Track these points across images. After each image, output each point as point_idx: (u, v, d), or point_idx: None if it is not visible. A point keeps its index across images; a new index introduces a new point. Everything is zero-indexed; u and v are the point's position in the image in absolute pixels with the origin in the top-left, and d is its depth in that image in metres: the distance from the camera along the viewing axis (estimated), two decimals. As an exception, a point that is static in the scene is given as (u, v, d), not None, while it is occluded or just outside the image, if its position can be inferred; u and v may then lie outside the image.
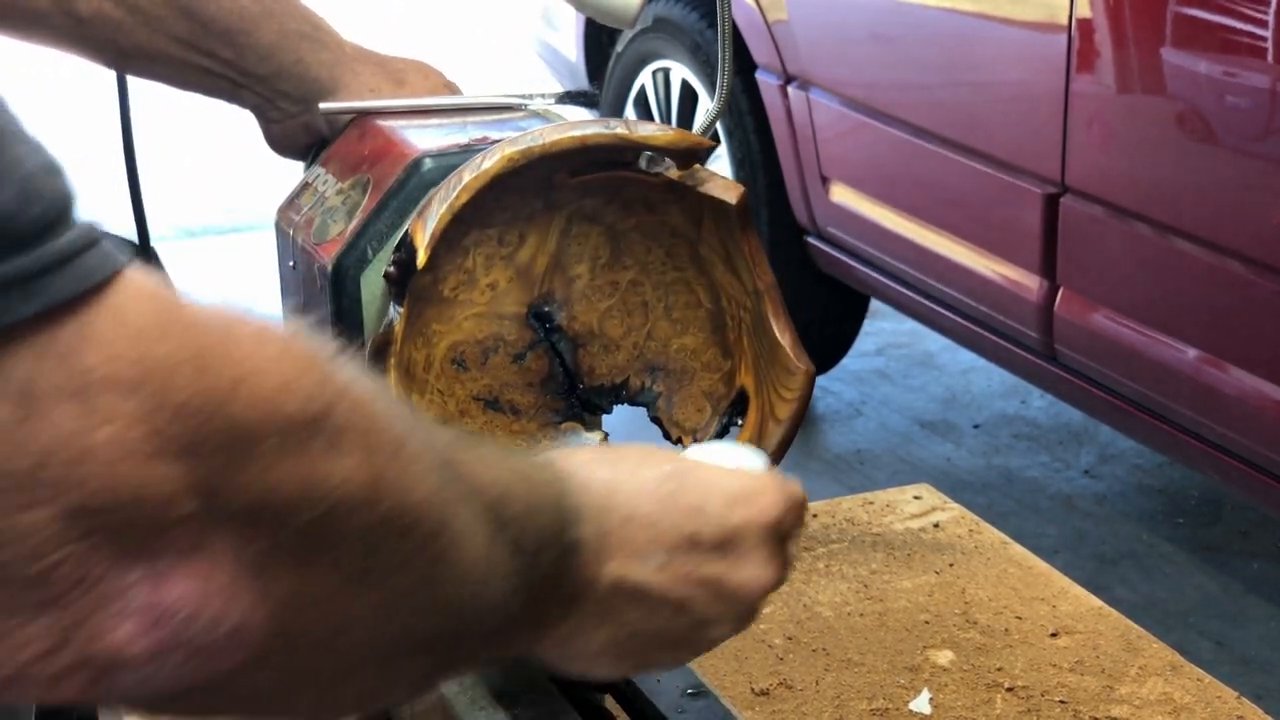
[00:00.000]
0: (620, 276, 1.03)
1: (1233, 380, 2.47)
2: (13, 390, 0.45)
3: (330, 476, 0.52)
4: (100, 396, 0.46)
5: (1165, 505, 3.37)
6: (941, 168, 3.02)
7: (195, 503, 0.48)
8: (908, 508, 1.58)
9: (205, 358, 0.49)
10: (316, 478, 0.52)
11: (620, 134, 0.92)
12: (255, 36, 1.07)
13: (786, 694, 1.27)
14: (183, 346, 0.48)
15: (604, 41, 4.17)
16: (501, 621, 0.65)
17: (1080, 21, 2.61)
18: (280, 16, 1.08)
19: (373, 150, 1.04)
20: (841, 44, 3.34)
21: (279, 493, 0.51)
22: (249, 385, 0.50)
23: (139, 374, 0.47)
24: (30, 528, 0.46)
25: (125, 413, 0.47)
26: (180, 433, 0.48)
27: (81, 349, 0.47)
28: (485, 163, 0.91)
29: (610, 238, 1.02)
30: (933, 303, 3.17)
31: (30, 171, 0.47)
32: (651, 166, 0.97)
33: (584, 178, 0.96)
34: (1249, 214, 2.40)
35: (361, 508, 0.54)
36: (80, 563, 0.47)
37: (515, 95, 1.12)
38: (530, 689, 0.95)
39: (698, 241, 1.03)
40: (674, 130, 0.94)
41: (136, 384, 0.47)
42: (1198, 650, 2.77)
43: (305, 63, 1.08)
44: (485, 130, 1.05)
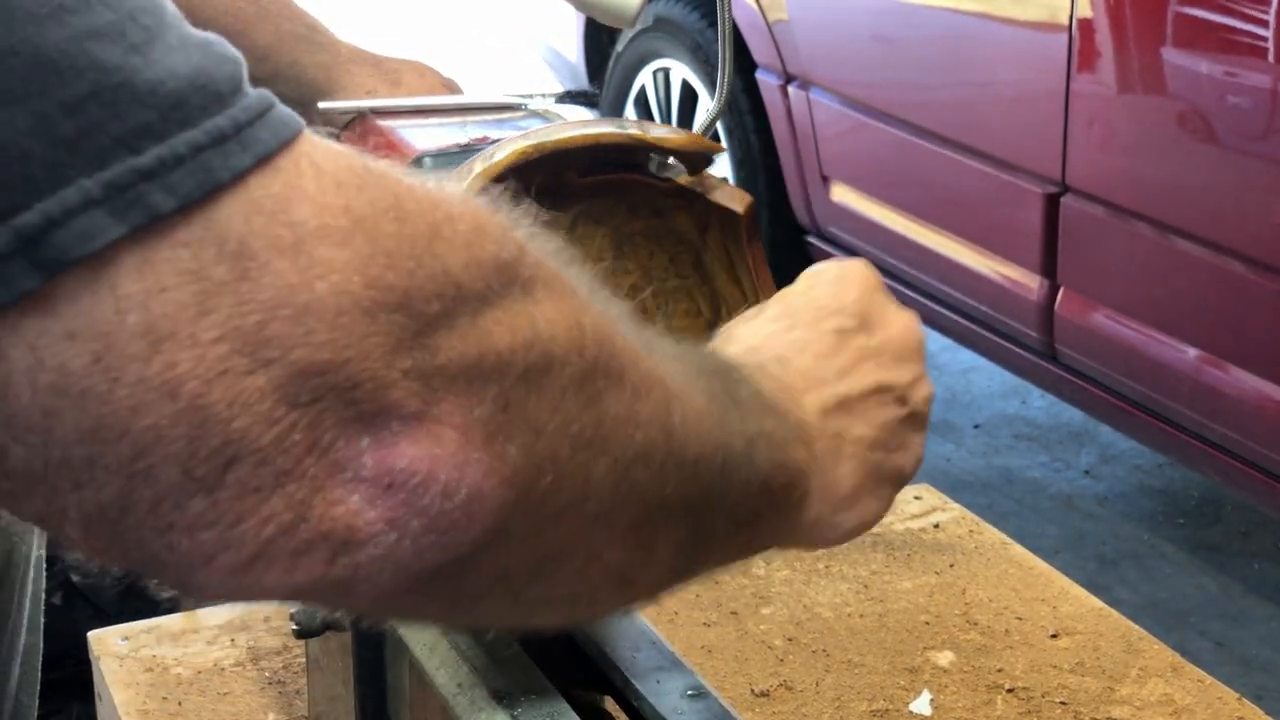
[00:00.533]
0: (622, 280, 1.03)
1: (1233, 380, 2.47)
2: (229, 250, 0.44)
3: (535, 322, 0.51)
4: (316, 249, 0.46)
5: (1166, 506, 3.37)
6: (942, 167, 3.02)
7: (416, 359, 0.47)
8: (908, 508, 1.58)
9: (403, 204, 0.48)
10: (523, 324, 0.50)
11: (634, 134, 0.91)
12: (251, 38, 1.07)
13: (786, 695, 1.27)
14: (382, 194, 0.48)
15: (604, 41, 4.17)
16: (750, 489, 0.64)
17: (1081, 21, 2.61)
18: (276, 18, 1.08)
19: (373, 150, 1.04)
20: (842, 44, 3.34)
21: (491, 341, 0.49)
22: (446, 231, 0.49)
23: (348, 224, 0.46)
24: (262, 391, 0.44)
25: (341, 264, 0.46)
26: (395, 281, 0.46)
27: (290, 202, 0.46)
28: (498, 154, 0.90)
29: (614, 241, 1.02)
30: (933, 302, 3.17)
31: (206, 38, 0.47)
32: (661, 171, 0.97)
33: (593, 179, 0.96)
34: (1249, 214, 2.40)
35: (572, 354, 0.52)
36: (311, 428, 0.45)
37: (515, 95, 1.12)
38: (530, 689, 0.94)
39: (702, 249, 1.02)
40: (687, 133, 0.93)
41: (348, 234, 0.46)
42: (1198, 651, 2.77)
43: (301, 64, 1.08)
44: (485, 130, 1.05)
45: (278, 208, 0.46)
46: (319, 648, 1.12)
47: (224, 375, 0.44)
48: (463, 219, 0.50)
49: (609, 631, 1.02)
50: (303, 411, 0.45)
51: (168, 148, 0.44)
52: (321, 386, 0.45)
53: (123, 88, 0.44)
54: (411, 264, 0.47)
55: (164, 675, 1.28)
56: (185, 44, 0.46)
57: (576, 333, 0.53)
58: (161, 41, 0.45)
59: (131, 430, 0.44)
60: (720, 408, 0.63)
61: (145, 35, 0.45)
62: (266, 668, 1.30)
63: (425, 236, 0.48)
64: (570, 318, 0.53)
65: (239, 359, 0.44)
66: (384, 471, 0.47)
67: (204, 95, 0.45)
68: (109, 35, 0.44)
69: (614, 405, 0.54)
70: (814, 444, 0.72)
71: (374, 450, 0.46)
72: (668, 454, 0.58)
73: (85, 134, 0.43)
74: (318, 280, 0.45)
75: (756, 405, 0.68)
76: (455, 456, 0.48)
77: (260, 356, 0.44)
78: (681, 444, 0.58)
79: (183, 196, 0.44)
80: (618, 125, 0.92)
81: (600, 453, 0.54)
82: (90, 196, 0.43)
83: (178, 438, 0.44)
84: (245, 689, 1.27)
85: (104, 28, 0.44)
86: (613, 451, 0.55)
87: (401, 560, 0.48)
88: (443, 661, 0.97)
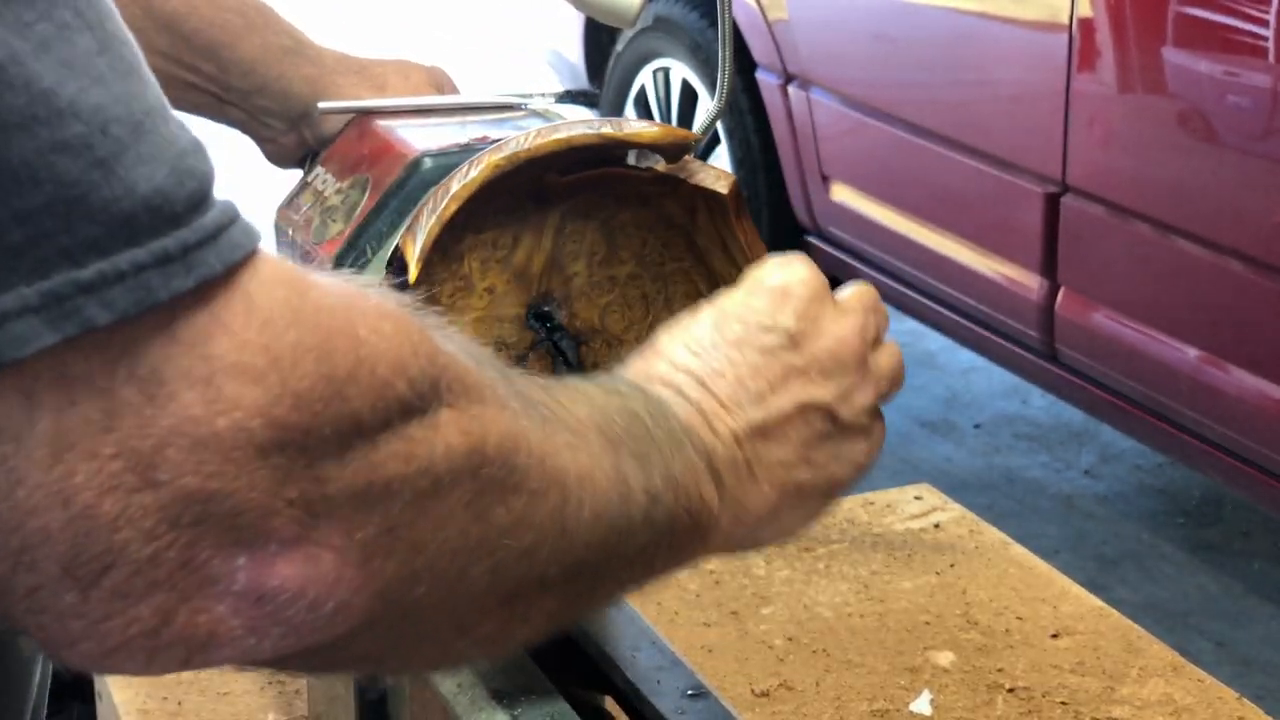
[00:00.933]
0: (618, 271, 1.02)
1: (1233, 380, 2.47)
2: (140, 374, 0.46)
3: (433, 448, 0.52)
4: (225, 384, 0.47)
5: (1166, 505, 3.37)
6: (942, 167, 3.02)
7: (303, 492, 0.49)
8: (908, 508, 1.58)
9: (329, 344, 0.49)
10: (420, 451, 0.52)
11: (605, 133, 0.91)
12: (238, 50, 1.07)
13: (787, 695, 1.27)
14: (311, 333, 0.49)
15: (604, 41, 4.17)
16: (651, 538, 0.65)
17: (1081, 21, 2.61)
18: (263, 31, 1.08)
19: (372, 150, 1.04)
20: (842, 43, 3.34)
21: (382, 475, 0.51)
22: (365, 370, 0.50)
23: (264, 363, 0.48)
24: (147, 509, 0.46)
25: (247, 402, 0.47)
26: (298, 422, 0.48)
27: (211, 335, 0.47)
28: (472, 171, 0.90)
29: (605, 233, 1.01)
30: (933, 302, 3.16)
31: (182, 149, 0.48)
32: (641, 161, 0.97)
33: (574, 176, 0.96)
34: (1249, 213, 2.40)
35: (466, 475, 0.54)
36: (188, 547, 0.47)
37: (515, 95, 1.12)
38: (530, 689, 0.94)
39: (693, 231, 1.02)
40: (660, 126, 0.93)
41: (261, 374, 0.47)
42: (1199, 651, 2.76)
43: (288, 78, 1.08)
44: (485, 129, 1.04)
45: (197, 340, 0.47)
46: (319, 648, 1.11)
47: (115, 490, 0.46)
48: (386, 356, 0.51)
49: (609, 631, 1.02)
50: (182, 532, 0.47)
51: (110, 264, 0.45)
52: (204, 512, 0.47)
53: (77, 202, 0.45)
54: (319, 406, 0.48)
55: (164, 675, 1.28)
56: (156, 156, 0.47)
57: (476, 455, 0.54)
58: (130, 154, 0.46)
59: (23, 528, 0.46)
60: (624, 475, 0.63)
61: (113, 148, 0.45)
62: (266, 668, 1.30)
63: (341, 379, 0.49)
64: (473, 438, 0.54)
65: (131, 477, 0.46)
66: (255, 588, 0.49)
67: (156, 216, 0.46)
68: (75, 148, 0.45)
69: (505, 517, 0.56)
70: (724, 475, 0.72)
71: (249, 569, 0.48)
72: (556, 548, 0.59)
73: (32, 243, 0.44)
74: (220, 416, 0.47)
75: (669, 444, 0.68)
76: (328, 576, 0.50)
77: (151, 478, 0.46)
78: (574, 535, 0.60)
79: (119, 312, 0.45)
80: (589, 126, 0.92)
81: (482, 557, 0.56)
82: (28, 304, 0.44)
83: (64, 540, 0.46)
84: (245, 689, 1.27)
85: (71, 140, 0.45)
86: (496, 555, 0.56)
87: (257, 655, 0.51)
88: (443, 661, 0.97)
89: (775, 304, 0.77)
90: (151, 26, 1.05)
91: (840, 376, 0.76)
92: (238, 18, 1.07)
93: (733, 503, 0.73)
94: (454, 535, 0.54)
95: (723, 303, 0.78)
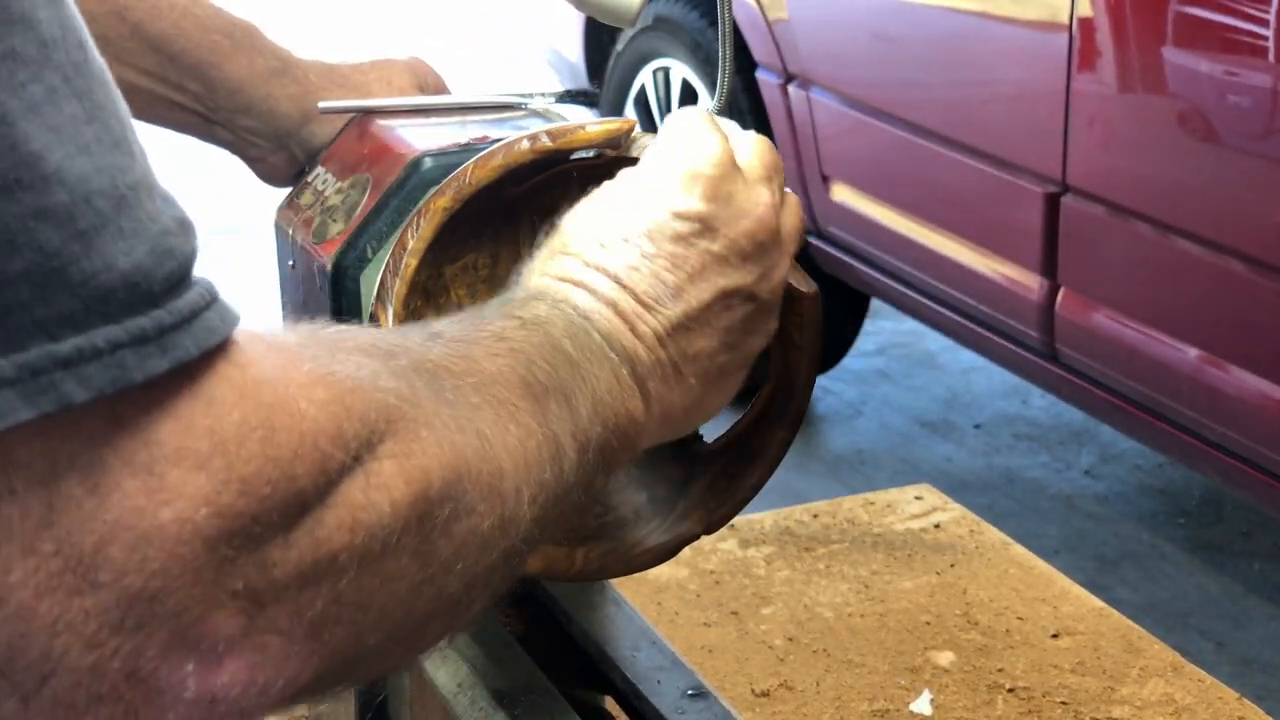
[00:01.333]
0: None
1: (1233, 380, 2.47)
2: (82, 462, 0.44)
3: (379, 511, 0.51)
4: (169, 472, 0.45)
5: (1166, 506, 3.37)
6: (942, 167, 3.02)
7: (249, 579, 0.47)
8: (908, 508, 1.58)
9: (272, 422, 0.47)
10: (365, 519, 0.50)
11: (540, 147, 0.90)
12: (224, 71, 1.07)
13: (787, 695, 1.27)
14: (254, 412, 0.47)
15: (604, 40, 4.17)
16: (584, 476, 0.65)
17: (1081, 20, 2.61)
18: (249, 52, 1.08)
19: (372, 150, 1.04)
20: (842, 43, 3.34)
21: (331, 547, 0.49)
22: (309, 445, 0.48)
23: (208, 447, 0.46)
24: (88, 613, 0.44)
25: (191, 490, 0.45)
26: (244, 508, 0.46)
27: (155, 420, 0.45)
28: (422, 224, 0.90)
29: None
30: (933, 302, 3.16)
31: (164, 227, 0.46)
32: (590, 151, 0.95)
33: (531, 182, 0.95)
34: (1250, 213, 2.40)
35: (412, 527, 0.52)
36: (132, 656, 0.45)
37: (515, 95, 1.12)
38: (530, 689, 0.94)
39: None
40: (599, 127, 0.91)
41: (205, 458, 0.45)
42: (1199, 651, 2.77)
43: (274, 98, 1.09)
44: (485, 129, 1.04)
45: (140, 424, 0.45)
46: (319, 647, 1.11)
47: (53, 591, 0.43)
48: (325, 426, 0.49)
49: (609, 631, 1.02)
50: (126, 638, 0.45)
51: (87, 339, 0.43)
52: (148, 614, 0.45)
53: (56, 274, 0.43)
54: (267, 490, 0.47)
55: (164, 675, 1.28)
56: (138, 232, 0.45)
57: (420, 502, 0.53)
58: (111, 228, 0.44)
59: None
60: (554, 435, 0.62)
61: (95, 220, 0.44)
62: (266, 667, 1.30)
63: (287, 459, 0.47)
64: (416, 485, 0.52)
65: (71, 577, 0.44)
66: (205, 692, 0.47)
67: (134, 293, 0.44)
68: (57, 217, 0.43)
69: (449, 546, 0.55)
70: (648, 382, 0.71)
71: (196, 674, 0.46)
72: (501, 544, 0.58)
73: (8, 312, 0.42)
74: (163, 506, 0.45)
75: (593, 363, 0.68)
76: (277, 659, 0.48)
77: (91, 579, 0.44)
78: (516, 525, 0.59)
79: (95, 390, 0.43)
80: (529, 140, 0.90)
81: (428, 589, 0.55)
82: (4, 376, 0.42)
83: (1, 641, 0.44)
84: (245, 689, 1.27)
85: (54, 209, 0.43)
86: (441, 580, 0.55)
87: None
88: (443, 661, 0.97)
89: (686, 187, 0.75)
90: (139, 47, 1.05)
91: (758, 257, 0.76)
92: (224, 39, 1.07)
93: (659, 405, 0.72)
94: (401, 585, 0.53)
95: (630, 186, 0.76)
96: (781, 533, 1.52)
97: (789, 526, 1.54)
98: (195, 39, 1.06)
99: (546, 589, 1.05)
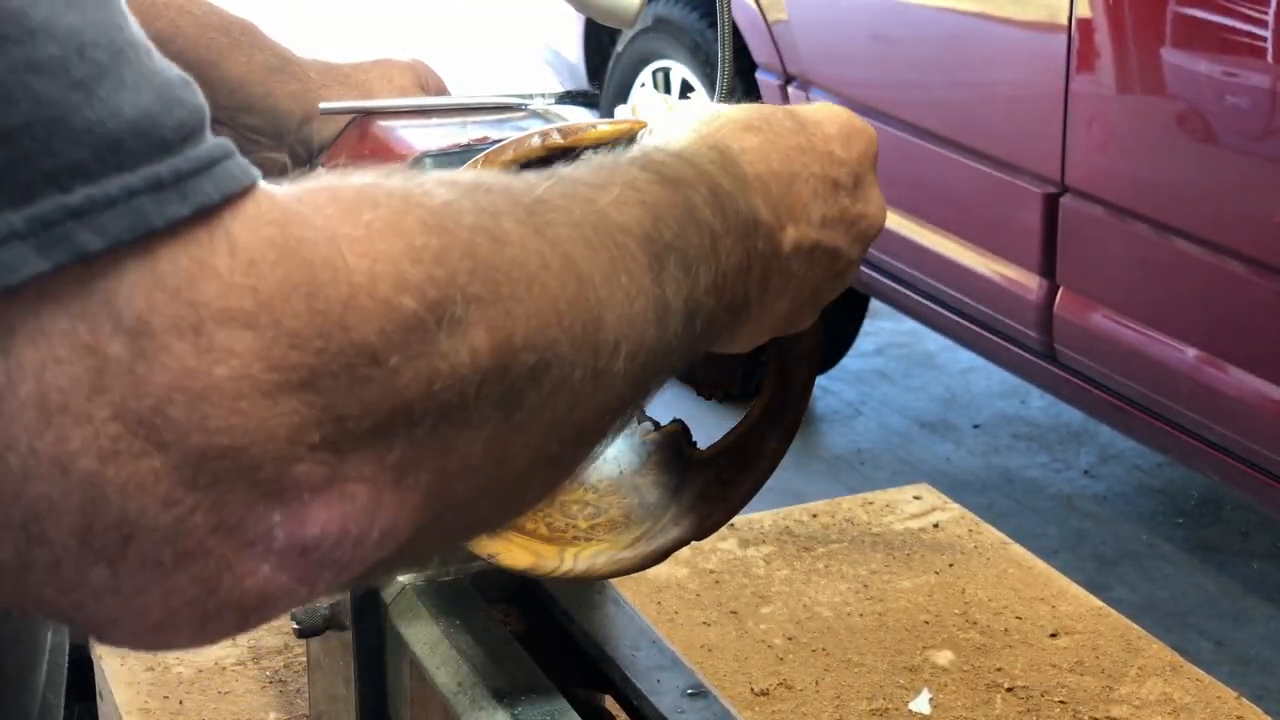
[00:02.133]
0: None
1: (1233, 380, 2.47)
2: (126, 326, 0.43)
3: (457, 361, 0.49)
4: (217, 332, 0.44)
5: (1165, 505, 3.37)
6: (941, 168, 3.03)
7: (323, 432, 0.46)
8: (908, 508, 1.58)
9: (317, 276, 0.46)
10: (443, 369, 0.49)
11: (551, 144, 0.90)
12: (223, 69, 1.07)
13: (786, 694, 1.27)
14: (296, 269, 0.46)
15: (604, 41, 4.17)
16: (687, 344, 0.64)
17: (1080, 21, 2.61)
18: (248, 50, 1.08)
19: (373, 151, 1.04)
20: (841, 44, 3.34)
21: (407, 397, 0.48)
22: (363, 297, 0.47)
23: (254, 306, 0.45)
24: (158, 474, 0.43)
25: (242, 348, 0.44)
26: (299, 362, 0.45)
27: (196, 279, 0.44)
28: None
29: None
30: (933, 303, 3.17)
31: (168, 79, 0.45)
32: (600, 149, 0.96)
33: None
34: (1249, 214, 2.40)
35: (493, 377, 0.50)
36: (214, 509, 0.44)
37: (515, 95, 1.12)
38: (530, 689, 0.95)
39: None
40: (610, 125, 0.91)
41: (252, 317, 0.44)
42: (1198, 650, 2.77)
43: (274, 95, 1.09)
44: (485, 130, 1.05)
45: (182, 284, 0.44)
46: (320, 647, 1.12)
47: (117, 456, 0.43)
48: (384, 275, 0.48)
49: (609, 631, 1.02)
50: (204, 494, 0.44)
51: (100, 189, 0.43)
52: (222, 470, 0.44)
53: (57, 123, 0.42)
54: (320, 343, 0.46)
55: (165, 674, 1.28)
56: (140, 83, 0.44)
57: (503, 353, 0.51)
58: (111, 78, 0.44)
59: (24, 495, 0.43)
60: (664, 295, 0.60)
61: (93, 71, 0.43)
62: (267, 667, 1.30)
63: (337, 310, 0.46)
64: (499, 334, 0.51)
65: (133, 440, 0.43)
66: (296, 541, 0.46)
67: (145, 140, 0.44)
68: (50, 69, 0.42)
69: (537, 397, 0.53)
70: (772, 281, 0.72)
71: (285, 524, 0.46)
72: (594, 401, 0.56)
73: (14, 166, 0.42)
74: (216, 365, 0.44)
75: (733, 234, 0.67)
76: (368, 508, 0.48)
77: (155, 440, 0.43)
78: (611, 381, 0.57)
79: (111, 238, 0.43)
80: (539, 136, 0.91)
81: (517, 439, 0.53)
82: (14, 229, 0.42)
83: (71, 510, 0.43)
84: (246, 688, 1.27)
85: (45, 61, 0.42)
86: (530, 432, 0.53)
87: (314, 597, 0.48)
88: (443, 661, 0.97)
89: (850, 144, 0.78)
90: None
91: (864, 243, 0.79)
92: (223, 37, 1.07)
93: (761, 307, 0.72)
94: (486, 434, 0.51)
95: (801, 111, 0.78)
96: (781, 532, 1.53)
97: (788, 526, 1.54)
98: (193, 38, 1.06)
99: (546, 589, 1.05)
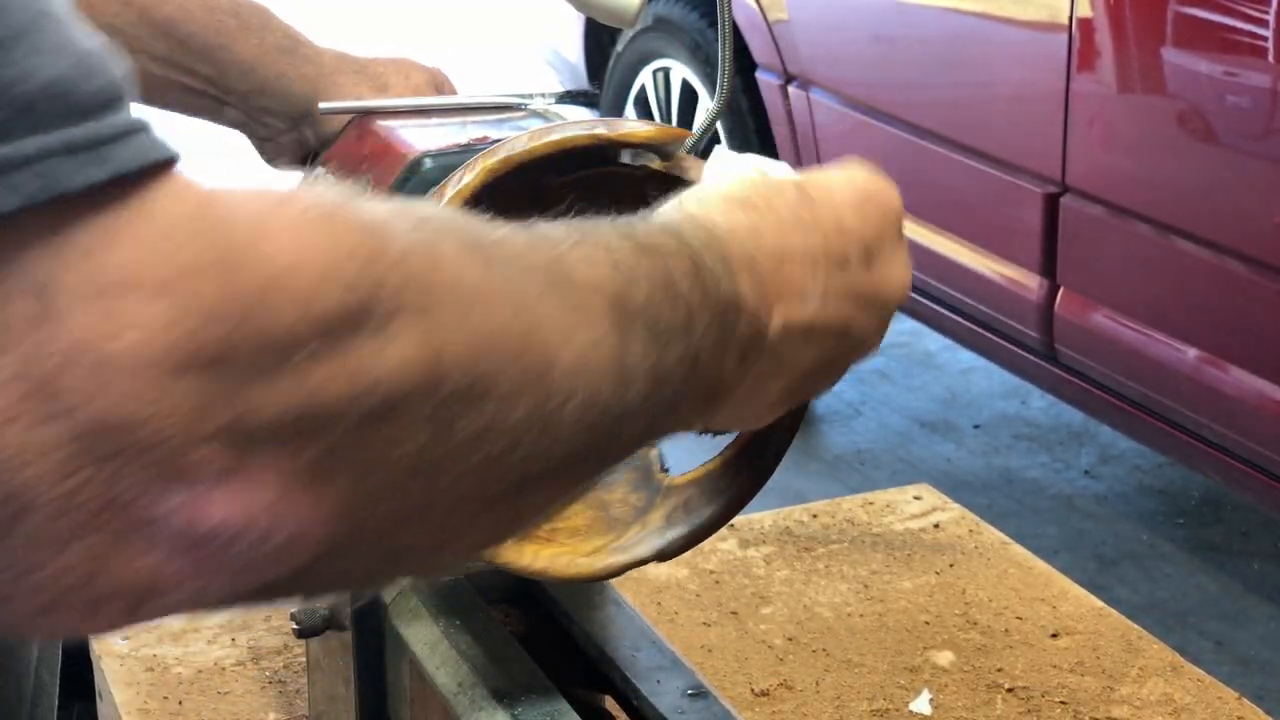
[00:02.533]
0: None
1: (1233, 380, 2.47)
2: (31, 286, 0.42)
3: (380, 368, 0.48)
4: (123, 300, 0.43)
5: (1166, 506, 3.37)
6: (942, 167, 3.03)
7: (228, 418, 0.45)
8: (908, 508, 1.58)
9: (235, 257, 0.45)
10: (363, 372, 0.47)
11: (598, 134, 0.91)
12: (234, 51, 1.06)
13: (787, 695, 1.27)
14: (214, 246, 0.45)
15: (604, 41, 4.17)
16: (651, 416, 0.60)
17: (1081, 21, 2.61)
18: (259, 31, 1.08)
19: (373, 150, 1.04)
20: (842, 43, 3.34)
21: (322, 397, 0.46)
22: (281, 285, 0.45)
23: (164, 277, 0.43)
24: (52, 443, 0.42)
25: (147, 319, 0.43)
26: (207, 340, 0.44)
27: (108, 245, 0.43)
28: (467, 176, 0.90)
29: None
30: (933, 303, 3.17)
31: (86, 49, 0.45)
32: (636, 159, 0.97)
33: (571, 177, 0.96)
34: (1249, 214, 2.40)
35: (423, 390, 0.49)
36: (109, 484, 0.43)
37: (515, 95, 1.12)
38: (530, 689, 0.95)
39: None
40: (655, 126, 0.93)
41: (161, 288, 0.43)
42: (1198, 651, 2.77)
43: (287, 77, 1.08)
44: (485, 130, 1.05)
45: (94, 248, 0.43)
46: (319, 647, 1.12)
47: (15, 420, 0.42)
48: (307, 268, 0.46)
49: (609, 631, 1.02)
50: (100, 466, 0.43)
51: (14, 148, 0.42)
52: (120, 443, 0.43)
53: None
54: (231, 325, 0.44)
55: (165, 674, 1.28)
56: (59, 49, 0.44)
57: (433, 367, 0.49)
58: (25, 43, 0.43)
59: None
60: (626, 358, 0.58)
61: (7, 33, 0.43)
62: (267, 667, 1.30)
63: (253, 294, 0.45)
64: (430, 349, 0.49)
65: (32, 404, 0.42)
66: (192, 527, 0.45)
67: (61, 104, 0.43)
68: None
69: (471, 426, 0.51)
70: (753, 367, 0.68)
71: (182, 509, 0.44)
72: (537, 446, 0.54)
73: None
74: (121, 333, 0.43)
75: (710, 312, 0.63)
76: (273, 505, 0.46)
77: (55, 406, 0.42)
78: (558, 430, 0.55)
79: (25, 197, 0.42)
80: (584, 126, 0.91)
81: (447, 469, 0.51)
82: None
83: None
84: (246, 688, 1.27)
85: None
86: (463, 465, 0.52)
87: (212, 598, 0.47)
88: (443, 661, 0.97)
89: (865, 213, 0.74)
90: (148, 33, 1.05)
91: (882, 315, 0.75)
92: (233, 19, 1.07)
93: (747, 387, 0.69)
94: (412, 452, 0.49)
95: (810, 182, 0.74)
96: (781, 533, 1.53)
97: (788, 526, 1.54)
98: (203, 21, 1.06)
99: (547, 589, 1.05)
